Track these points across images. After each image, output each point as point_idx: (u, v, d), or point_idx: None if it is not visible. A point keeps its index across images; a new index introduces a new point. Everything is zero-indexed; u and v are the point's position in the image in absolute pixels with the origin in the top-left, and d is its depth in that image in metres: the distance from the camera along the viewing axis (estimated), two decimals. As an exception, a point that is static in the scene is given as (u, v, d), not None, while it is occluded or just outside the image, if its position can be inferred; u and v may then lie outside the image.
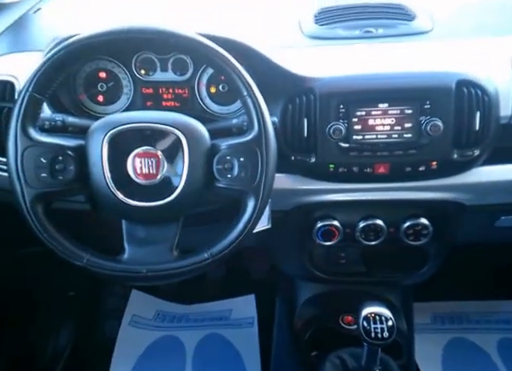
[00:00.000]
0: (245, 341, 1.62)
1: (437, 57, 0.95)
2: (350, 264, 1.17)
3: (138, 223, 0.80)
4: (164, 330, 1.69)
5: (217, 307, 1.75)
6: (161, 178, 0.76)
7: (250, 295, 1.76)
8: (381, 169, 0.92)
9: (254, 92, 0.76)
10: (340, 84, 0.90)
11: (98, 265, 0.77)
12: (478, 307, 1.65)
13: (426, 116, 0.88)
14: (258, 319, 1.67)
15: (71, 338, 1.61)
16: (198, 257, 0.77)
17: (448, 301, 1.67)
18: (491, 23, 1.04)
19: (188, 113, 0.81)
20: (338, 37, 1.01)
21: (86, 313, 1.70)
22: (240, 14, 1.14)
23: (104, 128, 0.76)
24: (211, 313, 1.74)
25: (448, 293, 1.64)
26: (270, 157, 0.76)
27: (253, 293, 1.75)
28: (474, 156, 0.90)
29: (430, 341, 1.55)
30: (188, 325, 1.71)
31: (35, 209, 0.75)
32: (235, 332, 1.66)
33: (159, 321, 1.73)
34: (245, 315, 1.72)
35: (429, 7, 1.07)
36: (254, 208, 0.76)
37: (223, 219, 0.83)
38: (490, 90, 0.88)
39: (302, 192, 0.99)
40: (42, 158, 0.75)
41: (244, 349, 1.60)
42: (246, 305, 1.74)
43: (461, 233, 1.11)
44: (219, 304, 1.76)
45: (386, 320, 0.89)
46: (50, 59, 0.74)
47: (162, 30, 0.75)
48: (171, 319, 1.74)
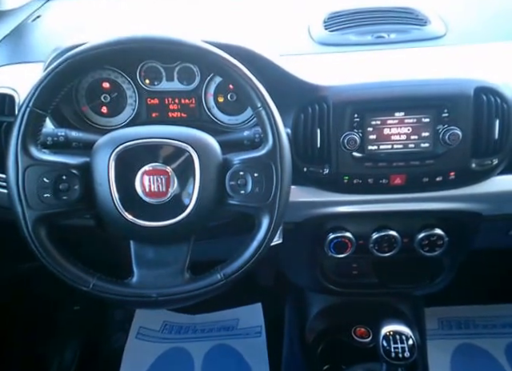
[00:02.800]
0: (253, 351, 1.56)
1: (452, 63, 0.88)
2: (362, 275, 1.11)
3: (147, 244, 0.73)
4: (171, 342, 1.63)
5: (223, 316, 1.69)
6: (171, 196, 0.70)
7: (257, 303, 1.69)
8: (397, 180, 0.85)
9: (268, 104, 0.69)
10: (354, 92, 0.83)
11: (106, 290, 0.71)
12: (483, 311, 1.59)
13: (443, 125, 0.82)
14: (266, 328, 1.61)
15: (78, 351, 1.55)
16: (211, 279, 0.71)
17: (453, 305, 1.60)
18: (506, 27, 0.97)
19: (195, 123, 0.76)
20: (349, 43, 0.94)
21: (92, 325, 1.64)
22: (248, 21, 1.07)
23: (110, 144, 0.69)
24: (218, 323, 1.68)
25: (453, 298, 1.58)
26: (285, 172, 0.70)
27: (259, 301, 1.69)
28: (493, 165, 0.84)
29: (438, 347, 1.48)
30: (195, 336, 1.65)
31: (37, 233, 0.69)
32: (243, 342, 1.60)
33: (166, 332, 1.67)
34: (252, 324, 1.65)
35: (440, 11, 1.01)
36: (268, 225, 0.70)
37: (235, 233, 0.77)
38: (508, 97, 0.82)
39: (314, 204, 0.92)
40: (44, 178, 0.68)
41: (253, 359, 1.54)
42: (253, 314, 1.68)
43: (475, 244, 1.04)
44: (226, 313, 1.69)
45: (406, 339, 0.82)
46: (51, 72, 0.67)
47: (169, 39, 0.68)
48: (178, 330, 1.67)
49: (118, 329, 1.67)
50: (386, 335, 0.83)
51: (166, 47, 0.68)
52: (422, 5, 1.01)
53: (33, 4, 1.19)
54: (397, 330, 0.83)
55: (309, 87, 0.84)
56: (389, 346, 0.82)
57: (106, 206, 0.70)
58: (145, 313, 1.71)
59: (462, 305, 1.60)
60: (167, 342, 1.62)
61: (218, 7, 1.15)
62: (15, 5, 1.16)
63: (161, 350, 1.60)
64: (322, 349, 1.13)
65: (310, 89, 0.84)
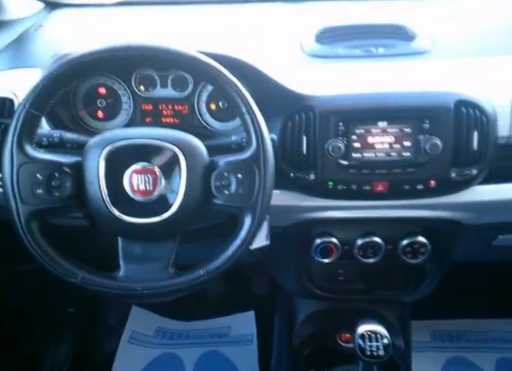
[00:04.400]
0: (244, 359, 1.59)
1: (436, 77, 0.94)
2: (348, 281, 1.15)
3: (134, 240, 0.78)
4: (163, 347, 1.67)
5: (216, 324, 1.73)
6: (158, 195, 0.75)
7: (250, 311, 1.73)
8: (379, 187, 0.91)
9: (252, 109, 0.74)
10: (339, 102, 0.89)
11: (93, 282, 0.75)
12: (476, 326, 1.63)
13: (424, 135, 0.87)
14: (258, 335, 1.64)
15: (70, 354, 1.59)
16: (194, 275, 0.75)
17: (447, 319, 1.64)
18: (491, 44, 1.03)
19: (188, 129, 0.80)
20: (338, 55, 1.01)
21: (85, 328, 1.68)
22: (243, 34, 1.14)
23: (101, 144, 0.75)
24: (210, 330, 1.72)
25: (447, 311, 1.62)
26: (268, 174, 0.75)
27: (252, 309, 1.72)
28: (472, 175, 0.89)
29: (428, 359, 1.53)
30: (187, 342, 1.69)
31: (30, 226, 0.74)
32: (234, 349, 1.64)
33: (159, 337, 1.71)
34: (244, 332, 1.69)
35: (429, 27, 1.07)
36: (250, 225, 0.75)
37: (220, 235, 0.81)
38: (488, 111, 0.87)
39: (300, 209, 0.98)
40: (38, 175, 0.73)
41: (243, 366, 1.58)
42: (246, 322, 1.72)
43: (459, 252, 1.09)
44: (219, 321, 1.73)
45: (381, 338, 0.87)
46: (47, 76, 0.73)
47: (160, 47, 0.74)
48: (171, 336, 1.71)
49: (110, 332, 1.70)
50: (362, 334, 0.88)
51: (154, 54, 0.74)
52: (411, 21, 1.07)
53: (37, 14, 1.26)
54: (372, 330, 0.88)
55: (296, 96, 0.89)
56: (364, 344, 0.87)
57: (95, 203, 0.74)
58: (138, 317, 1.75)
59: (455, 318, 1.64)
60: (159, 347, 1.66)
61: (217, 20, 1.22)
62: (20, 15, 1.23)
63: (152, 355, 1.63)
64: (308, 353, 1.18)
65: (298, 99, 0.89)
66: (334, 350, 1.15)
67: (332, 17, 1.13)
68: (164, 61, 0.77)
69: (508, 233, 1.04)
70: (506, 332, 1.60)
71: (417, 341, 1.57)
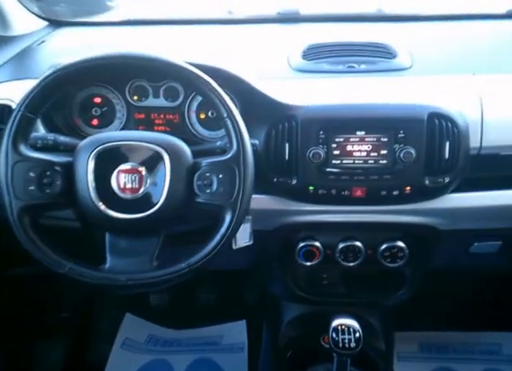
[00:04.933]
0: (234, 366, 1.62)
1: (413, 91, 1.01)
2: (331, 285, 1.20)
3: (120, 235, 0.83)
4: (155, 354, 1.70)
5: (208, 332, 1.76)
6: (143, 193, 0.80)
7: (241, 321, 1.76)
8: (358, 193, 0.97)
9: (233, 114, 0.80)
10: (320, 112, 0.96)
11: (80, 273, 0.80)
12: (463, 338, 1.66)
13: (399, 144, 0.93)
14: (249, 344, 1.67)
15: (63, 359, 1.62)
16: (176, 267, 0.80)
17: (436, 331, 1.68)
18: (464, 63, 1.11)
19: (178, 137, 0.86)
20: (322, 70, 1.08)
21: (79, 334, 1.71)
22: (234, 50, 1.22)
23: (91, 145, 0.81)
24: (202, 339, 1.75)
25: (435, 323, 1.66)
26: (248, 174, 0.80)
27: (244, 318, 1.76)
28: (445, 183, 0.95)
29: (415, 368, 1.56)
30: (179, 349, 1.72)
31: (22, 220, 0.79)
32: (225, 356, 1.67)
33: (151, 345, 1.74)
34: (235, 340, 1.72)
35: (409, 47, 1.15)
36: (230, 221, 0.80)
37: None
38: (459, 123, 0.93)
39: (283, 212, 1.04)
40: (30, 172, 0.79)
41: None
42: (237, 331, 1.74)
43: (437, 258, 1.14)
44: (211, 329, 1.76)
45: (353, 331, 0.92)
46: (41, 82, 0.79)
47: (142, 56, 0.80)
48: (163, 343, 1.74)
49: (103, 338, 1.72)
50: (336, 327, 0.94)
51: (139, 63, 0.80)
52: (393, 41, 1.16)
53: (40, 31, 1.35)
54: (345, 323, 0.94)
55: (280, 106, 0.96)
56: (337, 337, 0.92)
57: (84, 200, 0.80)
58: (131, 325, 1.79)
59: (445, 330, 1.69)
60: (151, 354, 1.68)
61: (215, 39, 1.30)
62: (24, 31, 1.32)
63: (144, 361, 1.66)
64: (292, 354, 1.22)
65: (281, 108, 0.96)
66: (317, 351, 1.20)
67: (318, 37, 1.21)
68: (146, 69, 0.82)
69: (484, 240, 1.10)
70: (493, 344, 1.63)
71: (405, 351, 1.61)
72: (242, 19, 1.44)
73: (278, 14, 1.39)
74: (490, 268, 1.29)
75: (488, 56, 1.14)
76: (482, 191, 1.00)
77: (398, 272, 1.14)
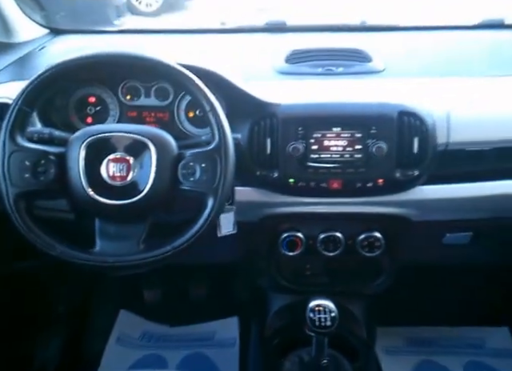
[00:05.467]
0: (225, 360, 1.66)
1: (385, 92, 1.09)
2: (315, 275, 1.27)
3: (109, 220, 0.88)
4: (149, 349, 1.74)
5: (201, 329, 1.81)
6: (131, 180, 0.86)
7: (233, 317, 1.81)
8: (335, 185, 1.04)
9: (215, 107, 0.87)
10: (299, 110, 1.04)
11: (71, 255, 0.86)
12: (448, 332, 1.71)
13: (372, 139, 1.01)
14: (240, 339, 1.72)
15: (59, 353, 1.67)
16: (161, 250, 0.86)
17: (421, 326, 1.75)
18: (434, 67, 1.20)
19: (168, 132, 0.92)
20: (302, 73, 1.17)
21: (74, 329, 1.76)
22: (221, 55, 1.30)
23: (82, 136, 0.87)
24: (195, 335, 1.79)
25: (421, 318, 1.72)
26: (229, 163, 0.86)
27: (236, 313, 1.81)
28: (415, 176, 1.03)
29: (400, 361, 1.61)
30: (173, 344, 1.76)
31: (17, 206, 0.84)
32: (217, 351, 1.72)
33: (145, 340, 1.78)
34: (227, 336, 1.76)
35: (383, 52, 1.24)
36: (212, 206, 0.86)
37: None
38: (427, 121, 1.01)
39: (267, 204, 1.11)
40: (26, 161, 0.85)
41: (224, 366, 1.66)
42: (229, 327, 1.79)
43: (413, 250, 1.22)
44: (204, 326, 1.81)
45: (329, 311, 1.00)
46: (37, 78, 0.86)
47: (133, 54, 0.88)
48: (157, 339, 1.79)
49: (99, 333, 1.77)
50: (313, 308, 1.01)
51: (129, 61, 0.88)
52: (368, 47, 1.25)
53: (41, 38, 1.43)
54: (321, 304, 1.01)
55: (262, 104, 1.04)
56: (314, 316, 0.99)
57: (75, 187, 0.85)
58: (126, 321, 1.83)
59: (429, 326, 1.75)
60: (145, 349, 1.73)
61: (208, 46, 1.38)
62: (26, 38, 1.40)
63: (138, 355, 1.70)
64: (278, 343, 1.29)
65: (264, 106, 1.04)
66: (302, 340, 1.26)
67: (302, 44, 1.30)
68: (133, 67, 0.90)
69: (455, 231, 1.18)
70: (476, 338, 1.69)
71: (391, 345, 1.68)
72: (232, 29, 1.53)
73: (266, 25, 1.48)
74: (465, 260, 1.36)
75: (455, 62, 1.23)
76: (451, 184, 1.07)
77: (376, 261, 1.21)
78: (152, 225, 0.90)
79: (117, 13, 4.47)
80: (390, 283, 1.26)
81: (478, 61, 1.23)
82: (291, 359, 1.16)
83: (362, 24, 1.46)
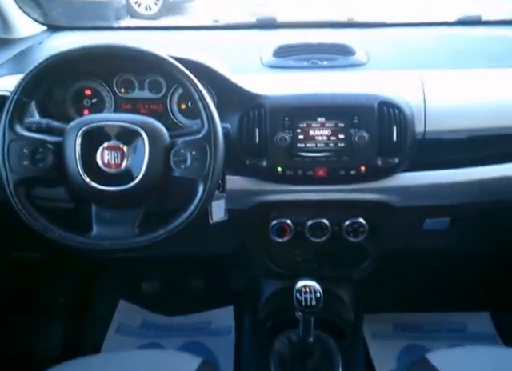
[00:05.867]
0: (221, 347, 1.71)
1: (367, 83, 1.14)
2: (304, 261, 1.32)
3: (105, 206, 0.91)
4: (148, 338, 1.79)
5: (198, 318, 1.85)
6: (125, 168, 0.89)
7: (229, 307, 1.85)
8: (320, 172, 1.08)
9: (204, 97, 0.91)
10: (286, 101, 1.08)
11: (68, 238, 0.89)
12: (433, 318, 1.77)
13: (354, 128, 1.05)
14: (236, 327, 1.76)
15: (59, 342, 1.70)
16: (155, 234, 0.90)
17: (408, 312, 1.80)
18: (413, 60, 1.25)
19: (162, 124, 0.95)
20: (289, 66, 1.22)
21: (75, 319, 1.80)
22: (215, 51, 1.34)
23: (79, 125, 0.90)
24: (193, 324, 1.84)
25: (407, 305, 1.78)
26: (218, 151, 0.90)
27: (232, 302, 1.85)
28: (395, 163, 1.07)
29: (387, 346, 1.66)
30: (171, 333, 1.81)
31: (17, 191, 0.88)
32: (213, 339, 1.76)
33: (145, 329, 1.82)
34: (223, 325, 1.81)
35: (366, 47, 1.29)
36: (203, 192, 0.89)
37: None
38: (405, 110, 1.06)
39: (256, 192, 1.15)
40: (24, 149, 0.88)
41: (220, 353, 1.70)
42: (225, 316, 1.84)
43: (395, 235, 1.27)
44: (200, 315, 1.86)
45: (314, 291, 1.04)
46: (35, 68, 0.90)
47: (119, 46, 0.91)
48: (156, 328, 1.83)
49: (99, 323, 1.81)
50: (299, 289, 1.06)
51: (123, 52, 0.92)
52: (354, 42, 1.30)
53: (39, 35, 1.47)
54: (307, 285, 1.06)
55: (251, 95, 1.08)
56: (301, 297, 1.04)
57: (72, 174, 0.88)
58: (125, 311, 1.87)
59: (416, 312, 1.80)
60: (144, 338, 1.78)
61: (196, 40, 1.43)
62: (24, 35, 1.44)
63: (137, 344, 1.74)
64: (270, 326, 1.34)
65: (252, 97, 1.08)
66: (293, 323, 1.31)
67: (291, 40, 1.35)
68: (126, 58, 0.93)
69: (434, 216, 1.23)
70: (458, 323, 1.75)
71: (378, 331, 1.73)
72: (224, 25, 1.58)
73: (256, 21, 1.53)
74: (444, 245, 1.41)
75: (433, 55, 1.28)
76: (430, 170, 1.12)
77: (361, 246, 1.25)
78: (147, 212, 0.93)
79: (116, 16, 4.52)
80: (375, 268, 1.30)
81: (455, 55, 1.28)
82: (281, 340, 1.21)
83: (349, 21, 1.51)
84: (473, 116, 1.10)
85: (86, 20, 3.33)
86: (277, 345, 1.21)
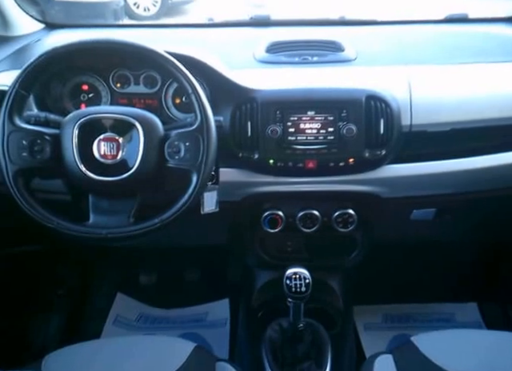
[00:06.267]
0: (217, 338, 1.74)
1: (355, 78, 1.17)
2: (295, 251, 1.35)
3: (101, 196, 0.94)
4: (145, 330, 1.80)
5: (194, 311, 1.87)
6: (120, 159, 0.91)
7: (225, 299, 1.88)
8: (310, 165, 1.11)
9: (197, 90, 0.93)
10: (277, 95, 1.11)
11: (66, 227, 0.91)
12: (423, 309, 1.80)
13: (343, 122, 1.08)
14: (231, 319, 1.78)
15: (59, 333, 1.73)
16: (150, 223, 0.92)
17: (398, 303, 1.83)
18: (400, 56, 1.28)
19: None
20: (281, 62, 1.24)
21: (73, 311, 1.82)
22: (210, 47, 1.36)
23: (76, 118, 0.92)
24: (189, 316, 1.86)
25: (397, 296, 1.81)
26: (211, 142, 0.92)
27: (227, 295, 1.88)
28: (382, 155, 1.10)
29: (377, 336, 1.69)
30: (168, 326, 1.83)
31: (16, 182, 0.90)
32: (209, 331, 1.79)
33: (141, 322, 1.84)
34: (219, 317, 1.84)
35: (355, 43, 1.32)
36: (196, 182, 0.91)
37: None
38: (392, 104, 1.08)
39: (248, 184, 1.17)
40: (23, 141, 0.90)
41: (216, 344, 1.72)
42: (221, 309, 1.86)
43: (383, 225, 1.29)
44: (197, 308, 1.88)
45: (304, 278, 1.07)
46: (33, 62, 0.92)
47: (114, 41, 0.94)
48: (152, 321, 1.85)
49: (96, 315, 1.83)
50: (289, 275, 1.08)
51: (120, 47, 0.94)
52: (344, 39, 1.33)
53: (37, 32, 1.49)
54: (297, 272, 1.09)
55: (243, 90, 1.10)
56: (291, 283, 1.07)
57: (70, 165, 0.90)
58: (122, 304, 1.89)
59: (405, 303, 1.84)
60: (141, 330, 1.80)
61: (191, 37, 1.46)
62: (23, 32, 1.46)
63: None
64: (262, 314, 1.37)
65: (244, 91, 1.10)
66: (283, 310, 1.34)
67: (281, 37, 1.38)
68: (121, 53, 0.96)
69: (421, 207, 1.26)
70: (447, 313, 1.78)
71: (369, 322, 1.76)
72: (219, 23, 1.60)
73: (250, 19, 1.55)
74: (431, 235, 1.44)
75: (419, 51, 1.31)
76: (417, 162, 1.15)
77: (350, 237, 1.28)
78: (142, 204, 0.95)
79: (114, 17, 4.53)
80: (364, 257, 1.33)
81: (441, 51, 1.31)
82: (272, 326, 1.24)
83: (341, 19, 1.54)
84: (456, 109, 1.12)
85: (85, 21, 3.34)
86: (269, 331, 1.24)
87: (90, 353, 1.01)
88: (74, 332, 1.77)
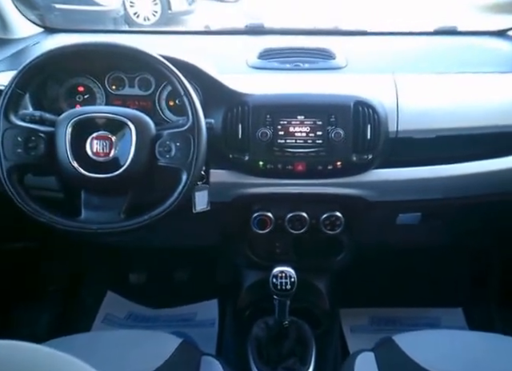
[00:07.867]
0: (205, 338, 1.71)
1: (345, 85, 1.18)
2: (283, 252, 1.35)
3: (93, 192, 0.94)
4: (133, 328, 1.79)
5: (183, 310, 1.86)
6: (112, 157, 0.92)
7: (214, 300, 1.87)
8: (299, 167, 1.12)
9: (189, 92, 0.94)
10: (268, 99, 1.12)
11: (58, 222, 0.92)
12: (410, 313, 1.80)
13: (331, 126, 1.09)
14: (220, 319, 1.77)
15: (47, 331, 1.71)
16: (139, 219, 0.93)
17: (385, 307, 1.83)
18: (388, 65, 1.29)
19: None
20: (272, 68, 1.25)
21: (63, 308, 1.81)
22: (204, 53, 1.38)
23: (69, 117, 0.93)
24: (178, 316, 1.84)
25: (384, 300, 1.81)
26: (201, 142, 0.94)
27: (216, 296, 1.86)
28: (369, 159, 1.11)
29: (364, 338, 1.68)
30: (156, 324, 1.81)
31: (10, 177, 0.90)
32: (197, 330, 1.77)
33: (131, 320, 1.83)
34: (208, 317, 1.82)
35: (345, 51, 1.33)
36: (186, 180, 0.92)
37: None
38: (379, 110, 1.10)
39: (239, 185, 1.18)
40: (18, 137, 0.91)
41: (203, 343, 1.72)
42: (210, 309, 1.85)
43: (370, 229, 1.30)
44: (186, 308, 1.87)
45: (289, 276, 1.07)
46: (30, 63, 0.93)
47: (108, 43, 0.95)
48: (141, 319, 1.84)
49: (86, 312, 1.82)
50: (275, 274, 1.08)
51: (114, 50, 0.95)
52: (335, 47, 1.34)
53: (36, 36, 1.49)
54: (283, 270, 1.09)
55: (235, 93, 1.11)
56: (276, 281, 1.07)
57: (63, 162, 0.91)
58: (112, 302, 1.88)
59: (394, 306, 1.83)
60: (130, 328, 1.78)
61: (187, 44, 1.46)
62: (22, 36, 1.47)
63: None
64: (249, 313, 1.36)
65: (236, 95, 1.11)
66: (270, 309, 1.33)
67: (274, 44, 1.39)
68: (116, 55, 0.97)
69: (406, 211, 1.26)
70: (432, 318, 1.78)
71: (356, 324, 1.76)
72: (215, 31, 1.61)
73: (245, 27, 1.56)
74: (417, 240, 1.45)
75: (407, 61, 1.33)
76: (403, 167, 1.16)
77: (337, 239, 1.29)
78: (133, 203, 0.96)
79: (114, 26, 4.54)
80: (350, 260, 1.34)
81: (428, 61, 1.33)
82: (258, 324, 1.23)
83: (333, 29, 1.55)
84: (442, 117, 1.14)
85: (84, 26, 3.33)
86: (255, 329, 1.24)
87: (77, 346, 1.00)
88: (64, 329, 1.74)
